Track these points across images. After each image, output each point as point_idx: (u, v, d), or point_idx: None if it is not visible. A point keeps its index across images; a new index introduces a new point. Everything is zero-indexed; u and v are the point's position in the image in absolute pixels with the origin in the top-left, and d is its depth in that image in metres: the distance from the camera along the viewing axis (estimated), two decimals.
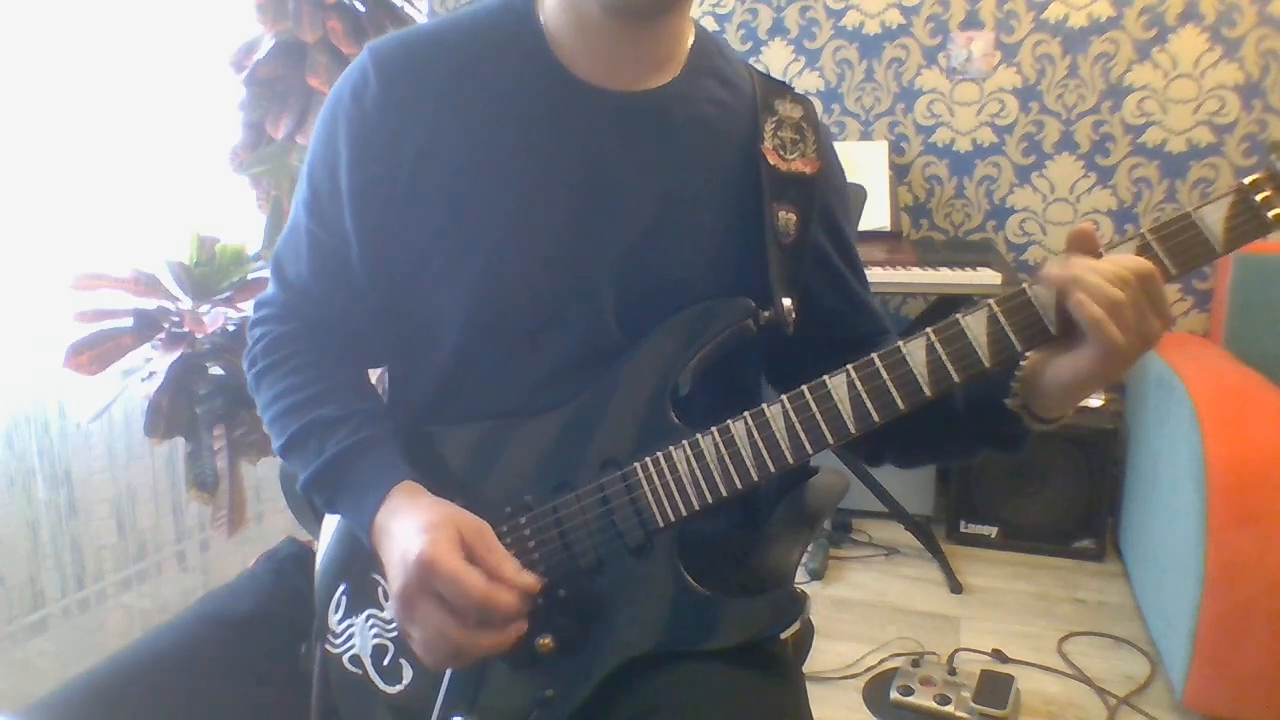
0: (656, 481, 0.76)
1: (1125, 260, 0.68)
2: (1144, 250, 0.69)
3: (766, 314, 0.82)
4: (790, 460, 0.74)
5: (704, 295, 0.82)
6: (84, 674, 0.76)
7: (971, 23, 2.61)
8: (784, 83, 0.91)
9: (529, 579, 0.72)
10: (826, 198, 0.89)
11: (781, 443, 0.74)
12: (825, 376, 0.73)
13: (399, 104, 0.81)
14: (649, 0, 0.77)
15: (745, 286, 0.83)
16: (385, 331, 0.90)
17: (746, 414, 0.75)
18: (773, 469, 0.74)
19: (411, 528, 0.72)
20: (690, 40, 0.87)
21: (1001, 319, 0.70)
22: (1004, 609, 2.18)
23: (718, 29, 2.85)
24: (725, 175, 0.85)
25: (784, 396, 0.74)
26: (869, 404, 0.72)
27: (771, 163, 0.85)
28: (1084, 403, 2.58)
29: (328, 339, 0.87)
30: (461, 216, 0.81)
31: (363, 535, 0.78)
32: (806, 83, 2.78)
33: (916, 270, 2.25)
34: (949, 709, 1.71)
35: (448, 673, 0.77)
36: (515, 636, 0.71)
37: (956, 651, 1.98)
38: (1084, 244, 0.70)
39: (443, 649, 0.71)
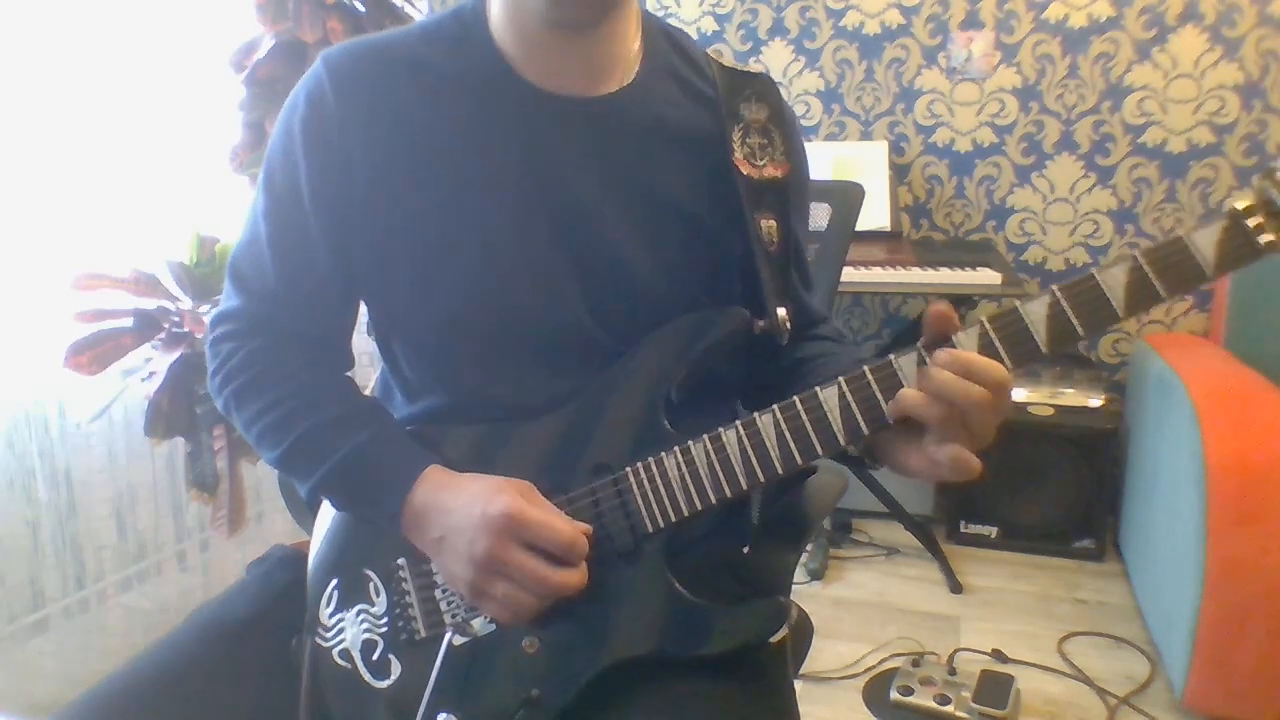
0: (647, 487, 0.76)
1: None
2: (1134, 271, 0.68)
3: (761, 324, 0.83)
4: (780, 470, 0.74)
5: (685, 296, 0.83)
6: (84, 694, 0.76)
7: (971, 23, 2.61)
8: (745, 72, 0.90)
9: (582, 524, 0.75)
10: (797, 197, 0.90)
11: (771, 452, 0.74)
12: (817, 387, 0.74)
13: (354, 111, 0.81)
14: (582, 13, 0.77)
15: (736, 296, 0.85)
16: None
17: (738, 422, 0.75)
18: (762, 478, 0.75)
19: (478, 493, 0.74)
20: (638, 41, 0.87)
21: (992, 334, 0.70)
22: (1004, 609, 2.18)
23: (718, 29, 2.85)
24: (695, 180, 0.85)
25: (775, 406, 0.75)
26: (858, 415, 0.72)
27: (745, 173, 0.85)
28: (1084, 403, 2.56)
29: (302, 347, 0.87)
30: (421, 222, 0.82)
31: (390, 522, 0.78)
32: (806, 83, 2.79)
33: (916, 270, 2.25)
34: (949, 709, 1.71)
35: (435, 670, 0.77)
36: (586, 573, 0.74)
37: (956, 651, 1.98)
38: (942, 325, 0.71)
39: (529, 597, 0.73)
